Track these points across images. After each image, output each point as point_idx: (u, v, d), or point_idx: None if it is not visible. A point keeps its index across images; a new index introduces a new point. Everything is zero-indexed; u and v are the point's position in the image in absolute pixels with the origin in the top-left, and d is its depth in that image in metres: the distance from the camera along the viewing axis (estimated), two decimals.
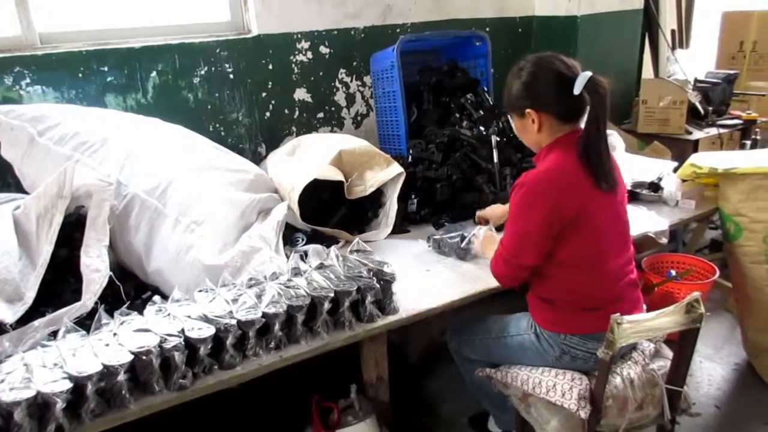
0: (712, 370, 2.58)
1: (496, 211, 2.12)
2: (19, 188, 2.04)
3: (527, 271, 1.64)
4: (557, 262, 1.61)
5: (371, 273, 1.66)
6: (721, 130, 3.48)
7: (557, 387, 1.63)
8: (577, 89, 1.51)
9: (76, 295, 1.52)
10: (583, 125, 1.60)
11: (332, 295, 1.56)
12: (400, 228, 2.30)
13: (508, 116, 1.76)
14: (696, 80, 3.72)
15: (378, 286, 1.62)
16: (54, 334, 1.40)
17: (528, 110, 1.60)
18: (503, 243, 1.65)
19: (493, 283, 1.80)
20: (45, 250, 1.56)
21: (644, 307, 1.76)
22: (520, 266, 1.62)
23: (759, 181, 2.23)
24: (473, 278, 1.87)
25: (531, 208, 1.55)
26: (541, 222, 1.55)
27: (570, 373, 1.66)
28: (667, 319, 1.53)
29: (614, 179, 1.61)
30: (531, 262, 1.61)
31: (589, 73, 1.52)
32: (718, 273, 2.38)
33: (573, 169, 1.56)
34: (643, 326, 1.50)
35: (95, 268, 1.54)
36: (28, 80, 2.19)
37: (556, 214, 1.54)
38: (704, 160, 2.41)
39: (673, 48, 4.32)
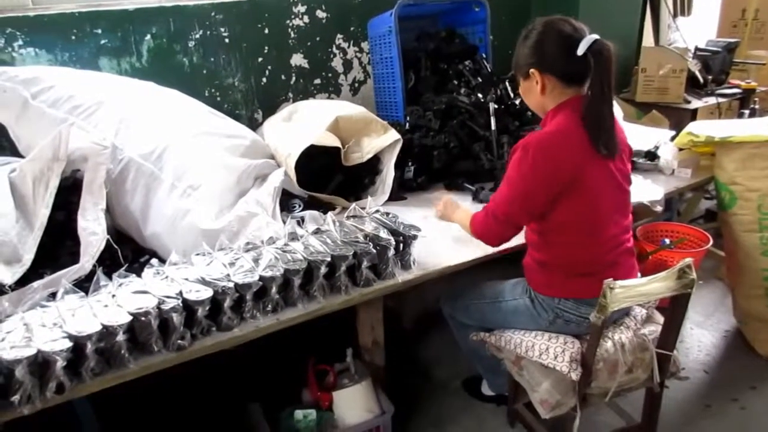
0: (702, 336, 2.63)
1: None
2: (13, 151, 2.03)
3: (516, 230, 1.67)
4: (555, 225, 1.62)
5: (367, 238, 1.68)
6: (720, 100, 3.46)
7: (550, 350, 1.66)
8: (580, 50, 1.50)
9: (74, 258, 1.53)
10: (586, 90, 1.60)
11: (329, 259, 1.57)
12: (397, 195, 2.30)
13: (515, 78, 1.74)
14: (696, 48, 3.68)
15: (374, 251, 1.64)
16: (53, 295, 1.41)
17: (532, 70, 1.59)
18: (496, 201, 1.65)
19: (489, 249, 1.81)
20: (42, 213, 1.56)
21: (638, 274, 1.78)
22: (511, 224, 1.64)
23: (754, 150, 2.23)
24: (469, 244, 1.87)
25: (530, 168, 1.55)
26: (540, 182, 1.55)
27: (562, 336, 1.69)
28: (659, 285, 1.55)
29: (615, 145, 1.61)
30: (523, 221, 1.64)
31: (594, 36, 1.51)
32: (711, 241, 2.40)
33: (574, 132, 1.55)
34: (636, 291, 1.53)
35: (92, 231, 1.55)
36: (20, 42, 2.16)
37: (554, 175, 1.54)
38: (701, 128, 2.41)
39: (675, 15, 4.27)
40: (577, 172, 1.55)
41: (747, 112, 3.16)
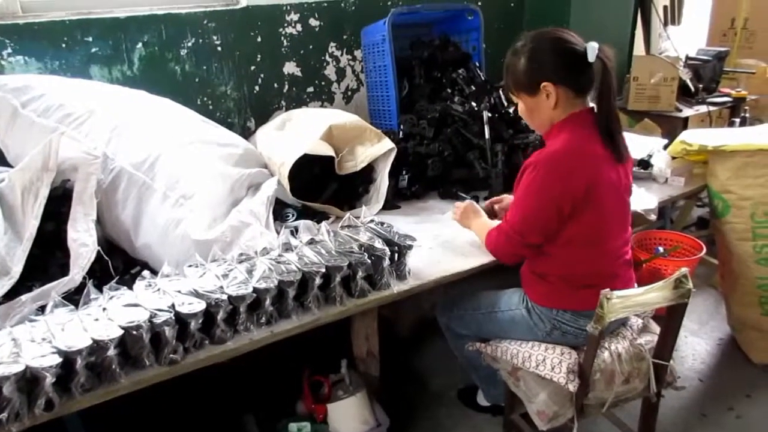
0: (696, 344, 2.63)
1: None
2: (2, 161, 2.00)
3: (530, 249, 1.64)
4: (561, 241, 1.61)
5: (362, 248, 1.66)
6: (711, 108, 3.48)
7: (546, 361, 1.65)
8: (591, 57, 1.49)
9: (64, 270, 1.50)
10: (590, 101, 1.60)
11: (323, 270, 1.55)
12: (391, 204, 2.29)
13: (513, 97, 1.70)
14: (687, 57, 3.71)
15: (369, 261, 1.62)
16: (42, 309, 1.38)
17: (544, 84, 1.55)
18: (509, 221, 1.63)
19: (485, 259, 1.80)
20: (31, 224, 1.53)
21: (635, 285, 1.77)
22: (525, 244, 1.62)
23: (747, 158, 2.25)
24: (465, 254, 1.87)
25: (545, 188, 1.54)
26: (554, 202, 1.54)
27: (559, 347, 1.68)
28: (655, 295, 1.55)
29: (626, 149, 1.63)
30: (536, 240, 1.61)
31: (595, 43, 1.51)
32: (704, 250, 2.40)
33: (586, 146, 1.55)
34: (633, 301, 1.52)
35: (83, 242, 1.52)
36: (9, 50, 2.13)
37: (566, 194, 1.53)
38: (694, 137, 2.42)
39: (665, 24, 4.30)
40: (590, 185, 1.53)
41: (738, 120, 3.18)
